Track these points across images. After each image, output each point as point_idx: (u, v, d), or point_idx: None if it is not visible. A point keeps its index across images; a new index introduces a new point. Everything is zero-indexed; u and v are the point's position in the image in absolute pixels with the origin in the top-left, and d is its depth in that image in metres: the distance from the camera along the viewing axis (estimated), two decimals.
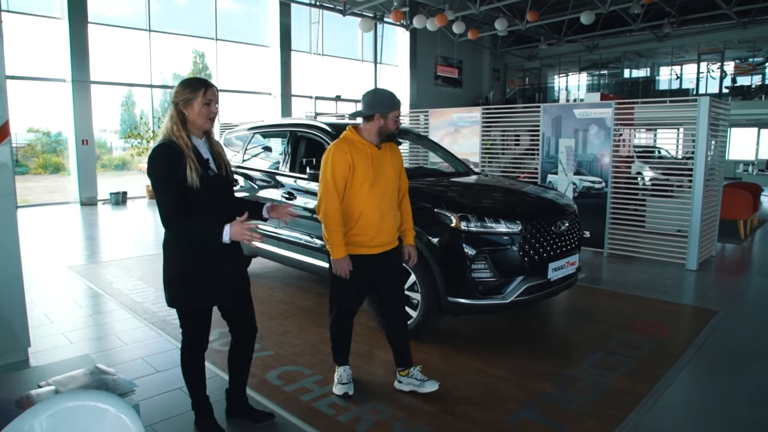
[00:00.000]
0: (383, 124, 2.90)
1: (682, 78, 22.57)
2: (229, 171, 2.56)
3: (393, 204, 2.98)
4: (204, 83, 2.36)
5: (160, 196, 2.28)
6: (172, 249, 2.43)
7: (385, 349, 3.81)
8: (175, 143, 2.29)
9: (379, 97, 2.91)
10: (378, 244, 2.93)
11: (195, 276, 2.42)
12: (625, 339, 4.04)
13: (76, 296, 5.15)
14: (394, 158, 3.02)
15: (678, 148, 12.07)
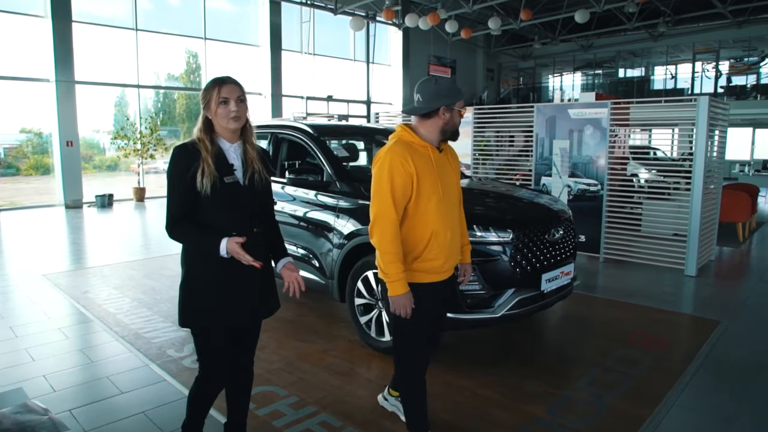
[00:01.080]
0: (449, 119, 2.33)
1: (677, 77, 22.42)
2: (260, 182, 2.23)
3: (458, 218, 2.51)
4: (219, 81, 2.12)
5: (167, 199, 2.13)
6: (185, 260, 2.23)
7: (368, 366, 3.58)
8: (195, 145, 2.11)
9: (441, 86, 2.33)
10: (449, 268, 2.44)
11: (206, 290, 2.18)
12: (622, 354, 3.82)
13: (46, 307, 4.88)
14: (455, 161, 2.52)
15: (673, 149, 11.93)
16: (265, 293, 2.30)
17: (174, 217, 2.10)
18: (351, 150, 4.97)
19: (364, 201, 3.85)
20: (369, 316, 3.78)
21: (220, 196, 2.09)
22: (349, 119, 17.16)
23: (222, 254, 2.05)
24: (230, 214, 2.14)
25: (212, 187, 2.06)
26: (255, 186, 2.21)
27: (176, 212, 2.10)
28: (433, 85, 2.34)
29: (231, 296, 2.18)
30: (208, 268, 2.15)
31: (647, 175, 8.82)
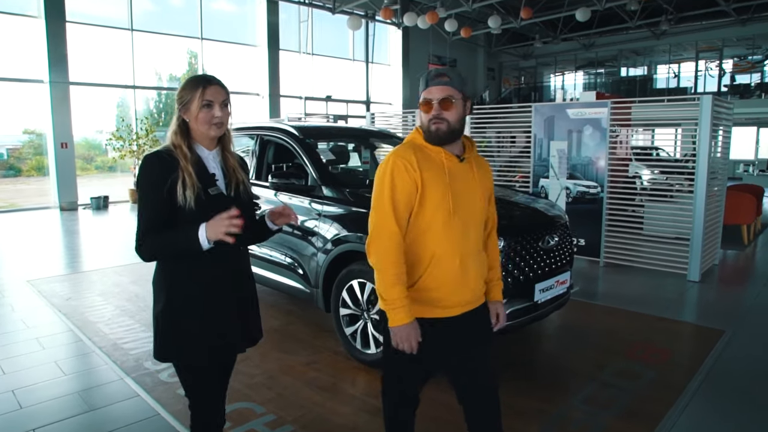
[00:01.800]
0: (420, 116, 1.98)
1: (679, 76, 22.21)
2: (245, 191, 2.00)
3: (479, 243, 2.00)
4: (203, 80, 1.86)
5: (139, 216, 1.82)
6: (163, 284, 1.91)
7: (352, 381, 3.40)
8: (170, 153, 1.83)
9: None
10: (457, 303, 1.93)
11: (188, 315, 1.87)
12: (621, 367, 3.63)
13: (25, 316, 4.72)
14: (483, 175, 2.01)
15: (676, 149, 11.73)
16: (250, 318, 2.04)
17: (144, 233, 1.80)
18: (339, 153, 4.80)
19: (349, 207, 3.68)
20: (354, 327, 3.61)
21: (206, 210, 1.79)
22: (348, 120, 16.99)
23: (204, 244, 1.74)
24: None
25: (196, 199, 1.79)
26: (241, 198, 1.97)
27: (148, 228, 1.80)
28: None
29: (219, 320, 1.90)
30: (194, 289, 1.87)
31: (650, 176, 8.64)
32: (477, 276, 1.97)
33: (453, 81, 1.85)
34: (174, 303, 1.88)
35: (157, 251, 1.84)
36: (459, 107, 1.86)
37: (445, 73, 1.86)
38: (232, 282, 1.93)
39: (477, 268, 1.97)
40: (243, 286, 2.00)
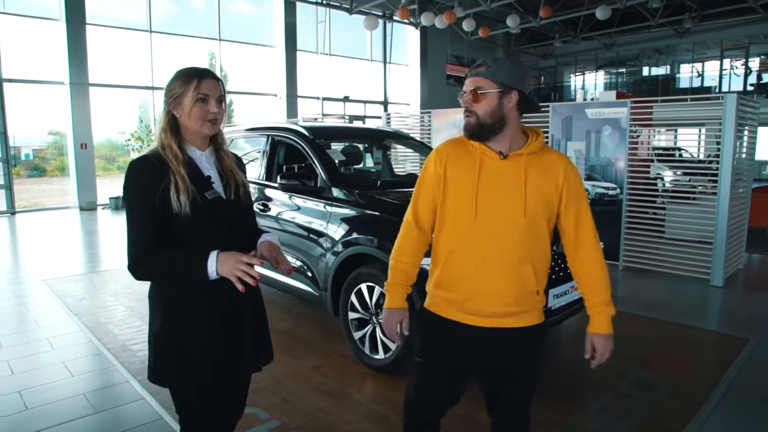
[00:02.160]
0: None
1: (703, 75, 21.72)
2: (244, 194, 1.84)
3: (516, 253, 1.73)
4: (198, 72, 1.70)
5: (129, 231, 1.63)
6: (159, 301, 1.75)
7: (359, 387, 3.33)
8: (159, 156, 1.67)
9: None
10: (475, 311, 1.78)
11: (189, 335, 1.71)
12: (639, 376, 3.50)
13: (38, 315, 4.74)
14: (539, 178, 1.74)
15: (700, 149, 11.44)
16: (256, 339, 1.88)
17: (138, 252, 1.61)
18: (351, 153, 4.73)
19: (359, 209, 3.61)
20: (363, 332, 3.53)
21: (204, 216, 1.66)
22: (365, 121, 16.94)
23: (212, 275, 1.58)
24: (218, 239, 1.68)
25: (192, 205, 1.63)
26: (241, 201, 1.81)
27: (140, 246, 1.61)
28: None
29: (223, 341, 1.75)
30: (196, 306, 1.71)
31: (672, 177, 8.42)
32: (509, 289, 1.74)
33: (488, 72, 1.70)
34: (173, 321, 1.71)
35: (155, 274, 1.67)
36: (492, 100, 1.69)
37: (484, 63, 1.73)
38: (238, 299, 1.74)
39: (503, 278, 1.73)
40: (249, 304, 1.83)
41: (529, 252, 1.73)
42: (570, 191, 1.76)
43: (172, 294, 1.72)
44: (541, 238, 1.76)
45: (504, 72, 1.70)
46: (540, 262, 1.78)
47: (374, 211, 3.52)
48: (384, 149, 5.27)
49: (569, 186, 1.75)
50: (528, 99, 1.74)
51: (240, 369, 1.82)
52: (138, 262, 1.62)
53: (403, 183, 4.70)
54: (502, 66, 1.71)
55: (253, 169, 4.72)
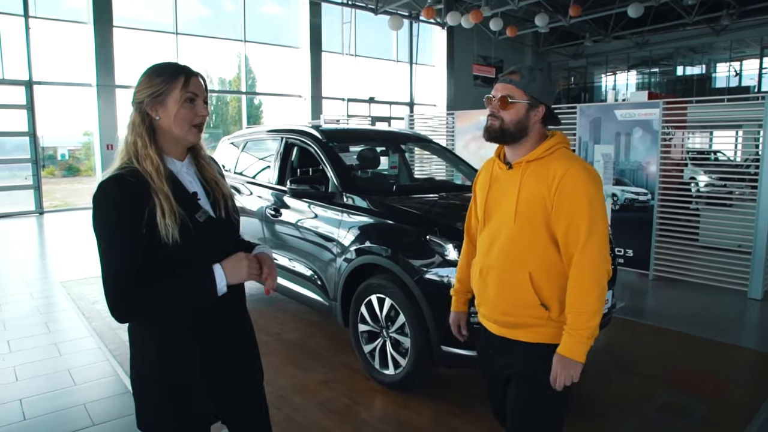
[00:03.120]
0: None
1: (741, 75, 20.93)
2: (233, 210, 1.60)
3: (505, 258, 1.73)
4: (183, 70, 1.46)
5: (103, 265, 1.38)
6: (140, 330, 1.52)
7: (367, 404, 3.16)
8: (134, 173, 1.39)
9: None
10: (486, 316, 1.85)
11: (180, 373, 1.50)
12: (669, 399, 3.24)
13: (50, 319, 4.70)
14: (536, 186, 1.68)
15: (737, 152, 10.96)
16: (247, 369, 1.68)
17: (122, 289, 1.36)
18: (368, 157, 4.56)
19: (371, 216, 3.43)
20: (373, 345, 3.36)
21: (196, 243, 1.42)
22: (391, 122, 16.78)
23: (221, 289, 1.42)
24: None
25: (182, 230, 1.39)
26: (231, 218, 1.57)
27: (122, 283, 1.36)
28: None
29: (215, 377, 1.55)
30: (187, 339, 1.49)
31: (707, 181, 8.04)
32: (502, 296, 1.75)
33: (521, 82, 1.71)
34: (161, 357, 1.48)
35: (146, 311, 1.41)
36: (519, 110, 1.70)
37: (518, 71, 1.73)
38: (229, 327, 1.56)
39: (503, 287, 1.75)
40: (240, 330, 1.64)
41: (524, 258, 1.70)
42: (561, 203, 1.63)
43: (158, 325, 1.48)
44: (541, 243, 1.68)
45: (537, 86, 1.71)
46: (542, 271, 1.69)
47: (387, 220, 3.35)
48: (402, 152, 5.09)
49: (560, 198, 1.64)
50: (552, 114, 1.77)
51: (233, 404, 1.63)
52: (122, 300, 1.36)
53: (420, 188, 4.53)
54: (535, 79, 1.71)
55: (266, 172, 4.61)
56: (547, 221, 1.67)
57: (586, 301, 1.61)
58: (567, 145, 1.75)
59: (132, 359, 1.54)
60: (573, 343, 1.62)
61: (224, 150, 5.37)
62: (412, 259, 3.03)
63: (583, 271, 1.62)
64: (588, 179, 1.64)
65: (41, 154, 12.00)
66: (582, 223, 1.61)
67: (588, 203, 1.62)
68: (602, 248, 1.62)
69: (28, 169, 11.45)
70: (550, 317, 1.69)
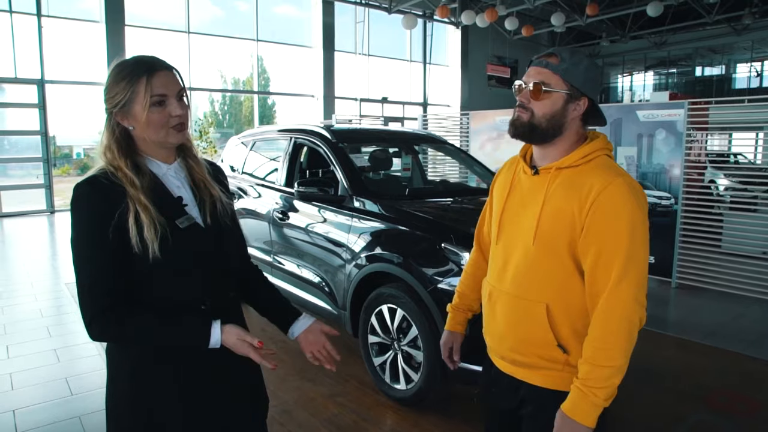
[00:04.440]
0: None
1: (762, 75, 20.48)
2: (226, 214, 1.44)
3: (518, 284, 1.43)
4: (145, 65, 1.30)
5: (78, 276, 1.25)
6: (119, 355, 1.36)
7: (376, 421, 2.97)
8: (111, 176, 1.28)
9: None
10: (493, 349, 1.55)
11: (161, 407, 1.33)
12: (700, 419, 3.02)
13: (51, 323, 4.58)
14: (557, 199, 1.37)
15: (757, 154, 10.65)
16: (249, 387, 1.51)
17: (100, 306, 1.22)
18: (380, 159, 4.39)
19: (382, 221, 3.25)
20: (383, 358, 3.18)
21: (177, 254, 1.28)
22: (404, 123, 16.59)
23: (214, 344, 1.27)
24: (194, 278, 1.33)
25: (162, 244, 1.24)
26: (221, 223, 1.40)
27: (101, 297, 1.22)
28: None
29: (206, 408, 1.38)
30: (168, 368, 1.33)
31: (727, 184, 7.77)
32: (510, 329, 1.44)
33: (560, 67, 1.35)
34: (140, 387, 1.32)
35: (126, 338, 1.28)
36: (555, 102, 1.36)
37: (557, 53, 1.37)
38: (226, 353, 1.34)
39: (512, 319, 1.43)
40: (241, 365, 1.40)
41: (542, 286, 1.38)
42: (593, 227, 1.29)
43: (139, 351, 1.33)
44: (564, 271, 1.36)
45: (580, 72, 1.36)
46: (563, 305, 1.36)
47: (399, 226, 3.17)
48: (416, 154, 4.90)
49: (593, 221, 1.29)
50: (596, 109, 1.41)
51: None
52: (98, 322, 1.22)
53: (434, 192, 4.34)
54: (579, 64, 1.36)
55: (275, 173, 4.45)
56: (572, 247, 1.34)
57: (610, 354, 1.27)
58: (610, 151, 1.40)
59: (107, 379, 1.38)
60: (584, 403, 1.27)
61: (233, 149, 5.22)
62: (425, 267, 2.84)
63: (610, 317, 1.28)
64: (632, 200, 1.29)
65: (56, 153, 11.98)
66: (617, 256, 1.27)
67: (629, 232, 1.27)
68: (638, 291, 1.29)
69: (40, 168, 11.43)
70: (567, 362, 1.38)
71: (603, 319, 1.28)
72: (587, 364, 1.28)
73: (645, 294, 1.30)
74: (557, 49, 1.38)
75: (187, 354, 1.33)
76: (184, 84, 1.36)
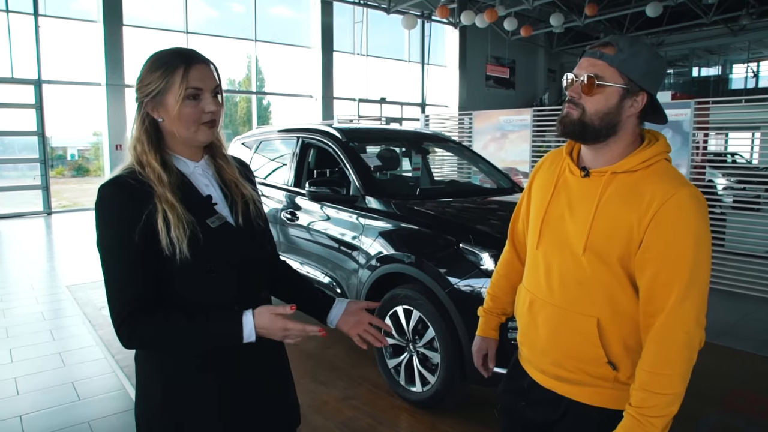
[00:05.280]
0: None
1: (758, 76, 20.55)
2: (256, 214, 1.37)
3: (566, 297, 1.32)
4: (184, 57, 1.24)
5: (107, 281, 1.20)
6: (150, 365, 1.29)
7: (393, 424, 2.92)
8: (138, 175, 1.22)
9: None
10: (531, 361, 1.44)
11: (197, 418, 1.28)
12: (718, 421, 2.99)
13: (54, 326, 4.50)
14: (612, 208, 1.25)
15: (753, 154, 10.68)
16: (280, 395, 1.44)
17: (129, 311, 1.16)
18: (387, 158, 4.34)
19: (396, 221, 3.20)
20: (398, 360, 3.13)
21: (208, 254, 1.23)
22: (402, 123, 16.56)
23: (248, 338, 1.19)
24: (227, 280, 1.27)
25: (190, 241, 1.19)
26: (253, 224, 1.35)
27: (129, 302, 1.17)
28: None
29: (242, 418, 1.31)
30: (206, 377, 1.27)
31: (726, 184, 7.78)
32: (555, 343, 1.34)
33: (617, 58, 1.23)
34: (175, 398, 1.26)
35: (155, 342, 1.20)
36: (610, 97, 1.24)
37: (614, 43, 1.24)
38: (259, 362, 1.32)
39: (558, 332, 1.33)
40: (272, 364, 1.39)
41: (593, 300, 1.27)
42: (655, 242, 1.18)
43: (175, 364, 1.27)
44: (618, 284, 1.25)
45: (639, 64, 1.23)
46: (614, 319, 1.26)
47: (415, 226, 3.12)
48: (424, 153, 4.86)
49: (655, 235, 1.18)
50: (656, 106, 1.28)
51: None
52: (127, 325, 1.16)
53: (444, 192, 4.30)
54: (638, 54, 1.23)
55: (281, 173, 4.39)
56: (624, 260, 1.23)
57: (669, 381, 1.17)
58: (669, 155, 1.29)
59: (136, 389, 1.32)
60: (634, 428, 1.17)
61: (236, 151, 5.15)
62: (443, 268, 2.79)
63: (669, 341, 1.17)
64: (698, 213, 1.19)
65: (50, 154, 11.87)
66: (679, 275, 1.16)
67: (693, 249, 1.17)
68: (700, 311, 1.18)
69: (36, 169, 11.32)
70: (617, 379, 1.28)
71: (661, 342, 1.18)
72: (643, 391, 1.17)
73: (705, 314, 1.21)
74: (614, 38, 1.26)
75: (223, 359, 1.27)
76: (221, 81, 1.30)
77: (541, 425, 1.42)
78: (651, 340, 1.19)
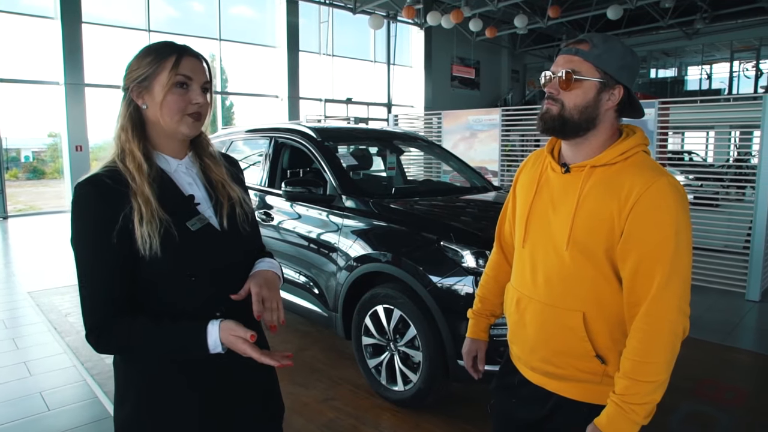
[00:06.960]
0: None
1: (712, 77, 21.34)
2: (243, 218, 1.32)
3: (550, 292, 1.34)
4: (176, 47, 1.22)
5: (80, 284, 1.16)
6: (128, 370, 1.25)
7: (375, 424, 2.91)
8: (115, 174, 1.17)
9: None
10: (519, 357, 1.47)
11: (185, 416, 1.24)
12: (690, 409, 3.08)
13: (17, 334, 4.33)
14: (593, 201, 1.28)
15: (707, 152, 11.07)
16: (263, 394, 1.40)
17: (101, 315, 1.14)
18: (361, 157, 4.33)
19: (374, 220, 3.20)
20: (379, 360, 3.12)
21: (187, 257, 1.19)
22: (369, 122, 16.56)
23: (213, 350, 1.14)
24: (208, 285, 1.22)
25: (164, 240, 1.15)
26: (239, 227, 1.29)
27: (101, 306, 1.14)
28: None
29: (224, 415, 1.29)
30: (183, 384, 1.24)
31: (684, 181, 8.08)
32: (543, 338, 1.35)
33: (592, 53, 1.26)
34: (155, 404, 1.23)
35: (123, 348, 1.18)
36: (588, 91, 1.27)
37: (588, 39, 1.29)
38: (241, 366, 1.25)
39: (545, 327, 1.35)
40: (255, 368, 1.28)
41: (578, 294, 1.29)
42: (635, 231, 1.21)
43: (155, 368, 1.23)
44: (602, 278, 1.27)
45: (614, 58, 1.27)
46: (601, 313, 1.28)
47: (394, 224, 3.11)
48: (398, 152, 4.86)
49: (635, 224, 1.21)
50: (632, 101, 1.32)
51: None
52: (97, 330, 1.13)
53: (419, 191, 4.31)
54: (612, 49, 1.27)
55: (254, 174, 4.32)
56: (609, 252, 1.25)
57: (652, 369, 1.18)
58: (647, 147, 1.32)
59: (115, 394, 1.28)
60: (621, 420, 1.18)
61: None
62: (424, 267, 2.80)
63: (653, 328, 1.19)
64: (677, 202, 1.21)
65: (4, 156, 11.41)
66: (660, 262, 1.19)
67: (673, 236, 1.19)
68: (682, 299, 1.21)
69: None
70: (606, 373, 1.29)
71: (644, 330, 1.20)
72: (626, 379, 1.20)
73: (688, 303, 1.23)
74: (588, 36, 1.30)
75: (204, 363, 1.23)
76: (212, 79, 1.27)
77: (532, 422, 1.44)
78: (634, 329, 1.22)
